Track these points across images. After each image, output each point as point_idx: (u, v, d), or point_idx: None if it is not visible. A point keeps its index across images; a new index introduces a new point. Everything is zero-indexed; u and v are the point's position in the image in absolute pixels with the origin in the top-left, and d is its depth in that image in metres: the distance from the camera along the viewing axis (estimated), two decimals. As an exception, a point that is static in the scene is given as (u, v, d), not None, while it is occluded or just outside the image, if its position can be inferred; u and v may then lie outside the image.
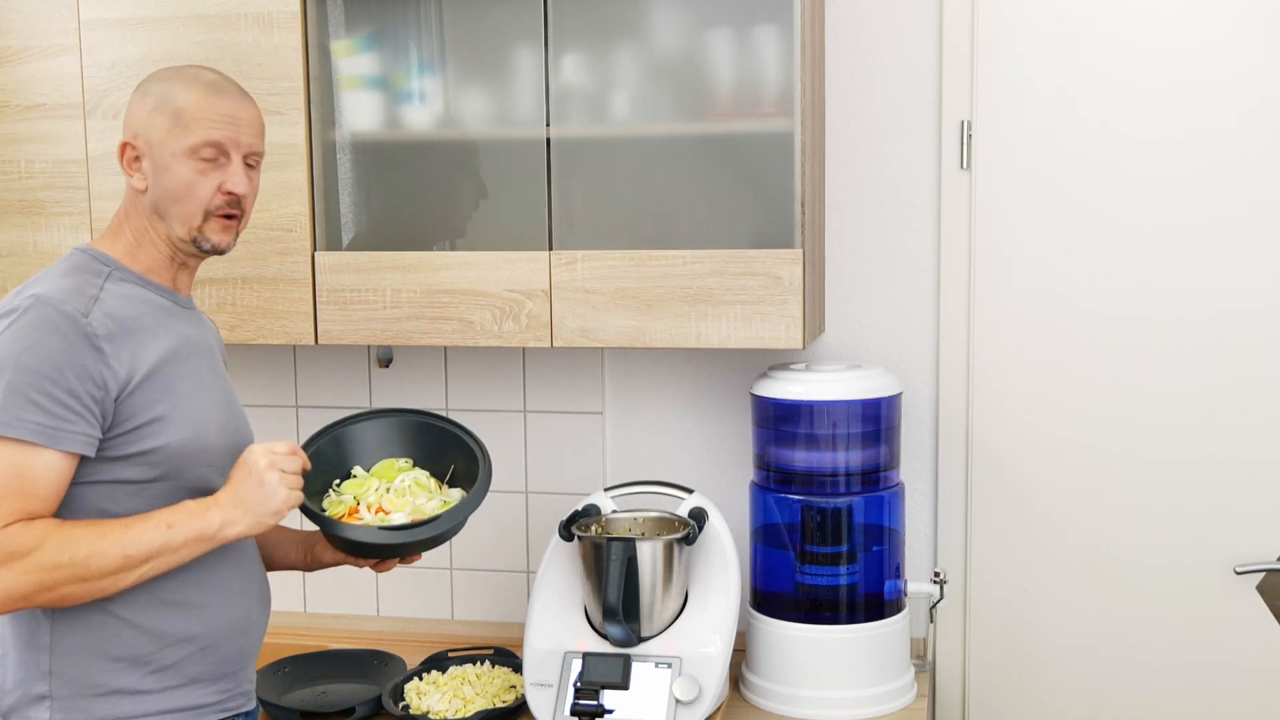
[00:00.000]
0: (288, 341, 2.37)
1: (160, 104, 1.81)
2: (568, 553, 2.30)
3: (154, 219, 1.83)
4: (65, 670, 1.76)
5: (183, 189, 1.80)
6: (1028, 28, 2.41)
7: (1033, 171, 2.44)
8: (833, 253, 2.54)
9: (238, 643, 1.88)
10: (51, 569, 1.66)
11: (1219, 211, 2.38)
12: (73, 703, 1.76)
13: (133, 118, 1.83)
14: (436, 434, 2.11)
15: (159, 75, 1.86)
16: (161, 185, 1.81)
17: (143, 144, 1.81)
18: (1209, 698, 2.48)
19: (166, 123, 1.80)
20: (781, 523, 2.37)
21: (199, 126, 1.80)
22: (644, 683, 2.15)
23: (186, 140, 1.80)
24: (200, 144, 1.80)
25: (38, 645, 1.77)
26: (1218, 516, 2.44)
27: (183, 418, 1.79)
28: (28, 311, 1.70)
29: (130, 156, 1.83)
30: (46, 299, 1.71)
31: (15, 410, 1.66)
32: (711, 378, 2.62)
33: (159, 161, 1.80)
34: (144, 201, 1.83)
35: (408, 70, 2.34)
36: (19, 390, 1.66)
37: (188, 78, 1.84)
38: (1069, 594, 2.51)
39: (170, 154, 1.80)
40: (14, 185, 2.45)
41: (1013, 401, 2.49)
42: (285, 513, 1.78)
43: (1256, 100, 2.35)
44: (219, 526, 1.74)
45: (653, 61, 2.25)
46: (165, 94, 1.82)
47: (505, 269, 2.29)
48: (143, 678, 1.78)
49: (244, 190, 1.84)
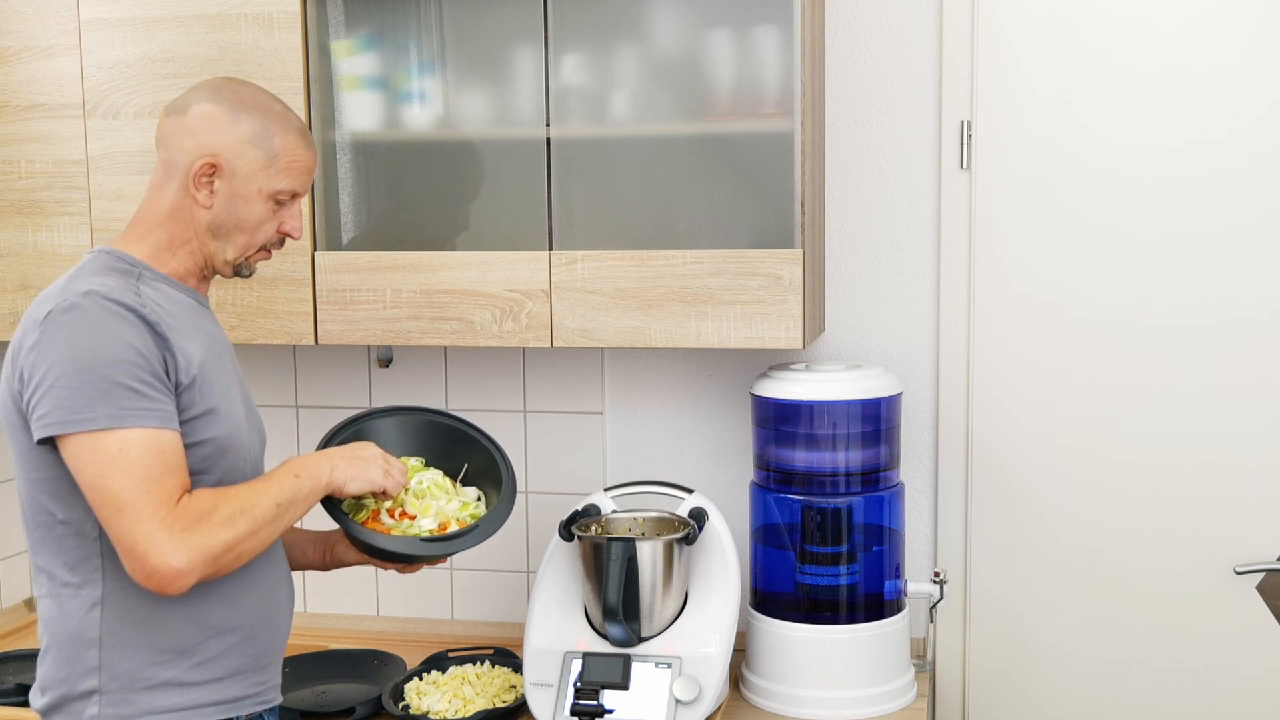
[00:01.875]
0: (288, 341, 2.38)
1: (256, 138, 1.83)
2: (568, 553, 2.30)
3: (206, 237, 1.86)
4: (115, 664, 1.78)
5: (254, 224, 1.86)
6: (1028, 28, 2.41)
7: (1033, 172, 2.44)
8: (833, 253, 2.54)
9: (271, 635, 1.91)
10: (230, 524, 1.73)
11: (1218, 210, 2.38)
12: (121, 696, 1.78)
13: (217, 138, 1.82)
14: (446, 432, 2.11)
15: (247, 102, 1.85)
16: (233, 213, 1.84)
17: (226, 168, 1.83)
18: (1209, 697, 2.48)
19: (261, 159, 1.83)
20: (781, 523, 2.37)
21: (290, 176, 1.86)
22: (644, 683, 2.15)
23: (276, 184, 1.85)
24: (287, 191, 1.86)
25: (85, 640, 1.79)
26: (1218, 516, 2.44)
27: (226, 412, 1.83)
28: (88, 308, 1.71)
29: (207, 174, 1.83)
30: (101, 293, 1.73)
31: (120, 401, 1.69)
32: (711, 378, 2.62)
33: (239, 191, 1.83)
34: (201, 217, 1.84)
35: (408, 70, 2.34)
36: (116, 381, 1.69)
37: (283, 120, 1.86)
38: (1069, 593, 2.51)
39: (255, 189, 1.84)
40: (14, 185, 2.46)
41: (1013, 401, 2.49)
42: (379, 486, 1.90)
43: (1257, 97, 2.35)
44: (330, 471, 1.86)
45: (653, 61, 2.25)
46: (262, 130, 1.83)
47: (505, 269, 2.29)
48: (188, 670, 1.81)
49: (301, 235, 1.92)
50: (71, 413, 1.68)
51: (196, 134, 1.82)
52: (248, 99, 1.85)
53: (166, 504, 1.68)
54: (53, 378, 1.69)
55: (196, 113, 1.83)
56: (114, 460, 1.68)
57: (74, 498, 1.75)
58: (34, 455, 1.75)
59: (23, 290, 2.47)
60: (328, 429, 2.10)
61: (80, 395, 1.67)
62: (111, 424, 1.68)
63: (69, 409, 1.68)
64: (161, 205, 1.85)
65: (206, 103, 1.84)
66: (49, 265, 2.45)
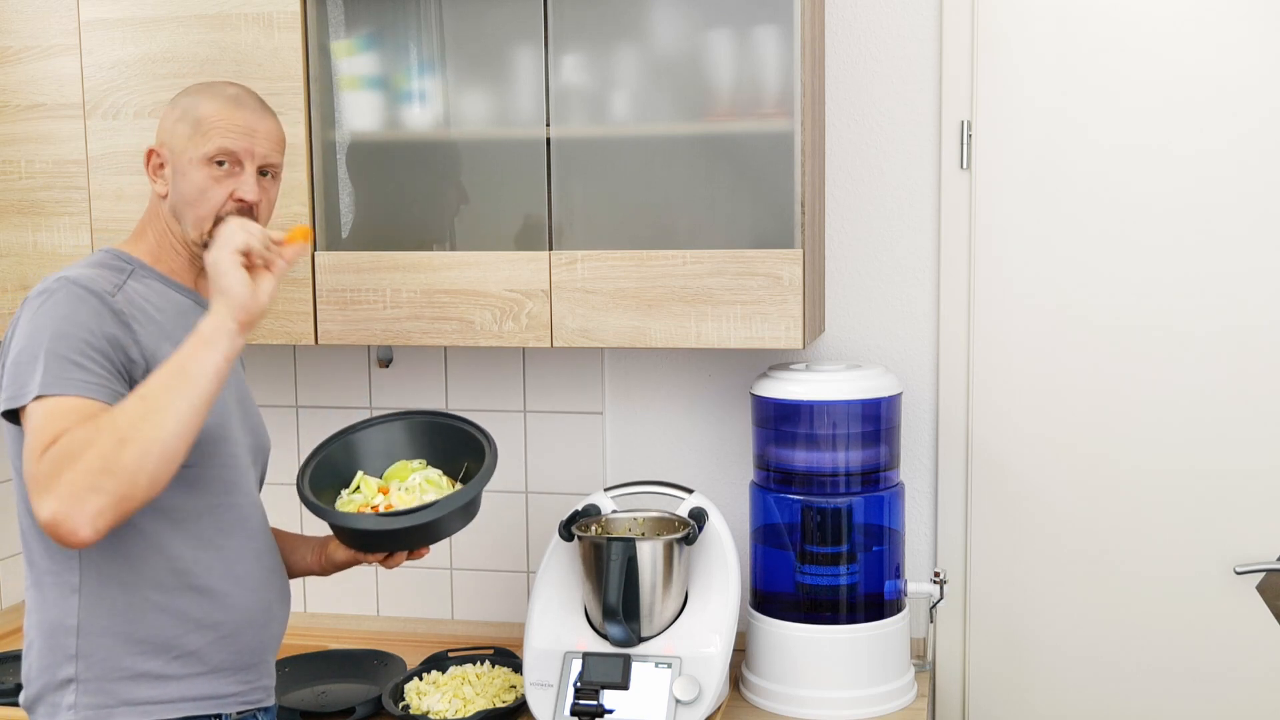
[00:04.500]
0: (288, 341, 2.38)
1: (184, 114, 1.90)
2: (568, 553, 2.30)
3: (172, 222, 1.91)
4: (92, 652, 1.79)
5: (196, 193, 1.88)
6: (1028, 28, 2.41)
7: (1033, 172, 2.44)
8: (833, 253, 2.54)
9: (259, 634, 1.91)
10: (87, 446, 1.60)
11: (1218, 210, 2.38)
12: (99, 685, 1.79)
13: (161, 127, 1.93)
14: (447, 433, 2.12)
15: (190, 89, 1.95)
16: (178, 190, 1.89)
17: (166, 151, 1.90)
18: (1208, 696, 2.48)
19: (187, 131, 1.89)
20: (781, 523, 2.37)
21: (215, 135, 1.88)
22: (644, 683, 2.15)
23: (203, 148, 1.88)
24: (215, 151, 1.88)
25: (64, 628, 1.80)
26: (1218, 516, 2.44)
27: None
28: (57, 291, 1.76)
29: (155, 163, 1.92)
30: (74, 279, 1.78)
31: (59, 371, 1.70)
32: (711, 378, 2.62)
33: (178, 167, 1.89)
34: (165, 206, 1.91)
35: (408, 70, 2.34)
36: (58, 354, 1.71)
37: (212, 91, 1.93)
38: (1069, 593, 2.51)
39: (188, 160, 1.88)
40: (14, 185, 2.46)
41: (1013, 401, 2.49)
42: (245, 245, 1.75)
43: (1256, 88, 2.35)
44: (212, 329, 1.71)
45: (653, 61, 2.25)
46: (190, 105, 1.91)
47: (505, 269, 2.29)
48: (167, 663, 1.81)
49: (254, 198, 1.89)
50: (21, 386, 1.70)
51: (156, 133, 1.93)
52: (192, 89, 1.95)
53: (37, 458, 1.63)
54: (14, 354, 1.74)
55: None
56: (36, 427, 1.66)
57: None
58: (15, 440, 1.79)
59: (22, 290, 2.47)
60: (329, 432, 2.11)
61: (28, 369, 1.71)
62: (44, 390, 1.68)
63: (20, 383, 1.71)
64: (148, 208, 1.95)
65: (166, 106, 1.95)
66: (49, 265, 2.45)
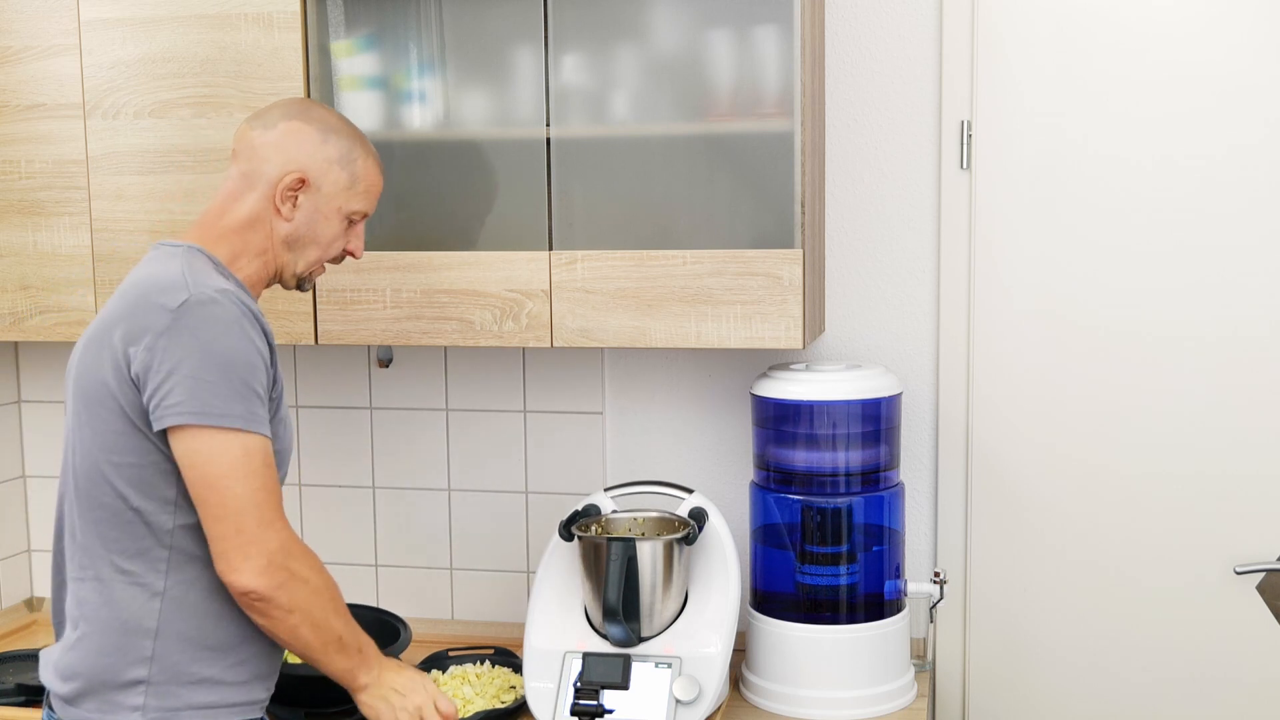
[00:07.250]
0: (288, 341, 2.38)
1: (343, 160, 1.91)
2: (568, 553, 2.30)
3: (282, 249, 1.91)
4: (167, 655, 1.80)
5: (328, 240, 1.94)
6: (1028, 27, 2.41)
7: (1033, 171, 2.44)
8: (833, 253, 2.54)
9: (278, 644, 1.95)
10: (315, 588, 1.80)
11: (1218, 210, 2.38)
12: (168, 689, 1.80)
13: (306, 155, 1.89)
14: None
15: (334, 124, 1.93)
16: (312, 228, 1.91)
17: (313, 184, 1.89)
18: (1208, 697, 2.48)
19: (345, 180, 1.91)
20: (781, 523, 2.37)
21: (368, 199, 1.95)
22: (644, 683, 2.15)
23: (354, 205, 1.94)
24: (361, 213, 1.95)
25: (141, 630, 1.80)
26: (1217, 516, 2.44)
27: (287, 420, 1.91)
28: (223, 305, 1.75)
29: (294, 188, 1.89)
30: (235, 294, 1.78)
31: (250, 405, 1.74)
32: (711, 378, 2.62)
33: (321, 208, 1.91)
34: (280, 229, 1.90)
35: (408, 70, 2.34)
36: (246, 383, 1.74)
37: (365, 146, 1.95)
38: (1069, 593, 2.51)
39: (335, 208, 1.92)
40: (14, 185, 2.46)
41: (1013, 400, 2.49)
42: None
43: (1256, 85, 2.35)
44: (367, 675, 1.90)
45: (653, 61, 2.25)
46: (348, 152, 1.92)
47: (505, 269, 2.29)
48: (226, 669, 1.83)
49: (361, 255, 2.02)
50: (208, 406, 1.70)
51: (285, 149, 1.88)
52: (334, 121, 1.93)
53: (276, 510, 1.76)
54: (189, 368, 1.71)
55: (285, 129, 1.89)
56: (238, 463, 1.72)
57: (156, 488, 1.77)
58: (123, 439, 1.76)
59: (22, 290, 2.47)
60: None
61: (219, 391, 1.71)
62: (244, 425, 1.72)
63: (205, 402, 1.70)
64: (239, 214, 1.89)
65: (296, 120, 1.90)
66: (49, 265, 2.45)
